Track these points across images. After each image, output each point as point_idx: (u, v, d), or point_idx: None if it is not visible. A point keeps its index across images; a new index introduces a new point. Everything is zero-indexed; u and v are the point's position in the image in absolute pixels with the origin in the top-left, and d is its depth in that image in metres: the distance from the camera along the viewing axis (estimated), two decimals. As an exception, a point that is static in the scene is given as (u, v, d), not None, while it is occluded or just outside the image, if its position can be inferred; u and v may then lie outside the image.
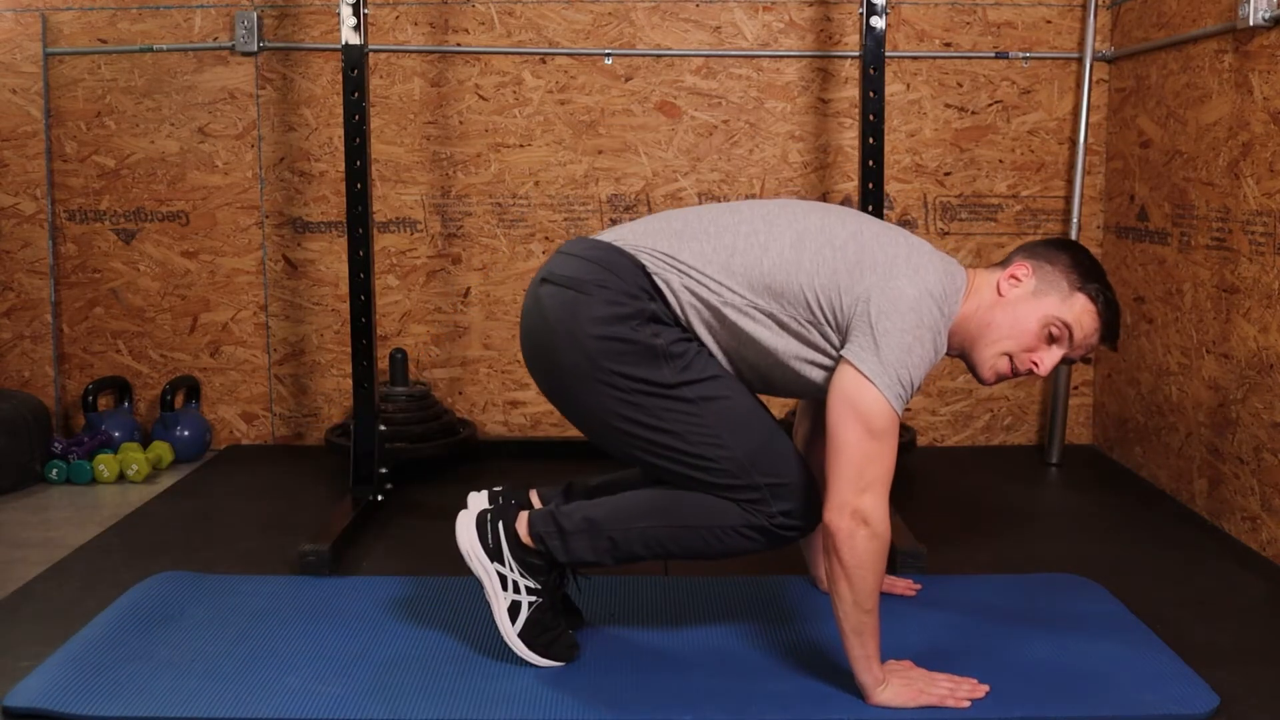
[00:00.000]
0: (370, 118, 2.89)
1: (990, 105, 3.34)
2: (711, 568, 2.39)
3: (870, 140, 2.74)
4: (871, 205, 2.76)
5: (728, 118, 3.34)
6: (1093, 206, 3.38)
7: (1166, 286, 2.95)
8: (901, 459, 3.13)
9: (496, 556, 1.89)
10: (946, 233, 3.39)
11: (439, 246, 3.39)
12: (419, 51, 3.31)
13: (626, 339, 1.79)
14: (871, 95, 2.72)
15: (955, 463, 3.30)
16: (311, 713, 1.74)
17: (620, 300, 1.80)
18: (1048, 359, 1.83)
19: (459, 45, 3.31)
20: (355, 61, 2.71)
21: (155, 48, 3.32)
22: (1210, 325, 2.71)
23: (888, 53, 2.99)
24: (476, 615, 2.10)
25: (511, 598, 1.88)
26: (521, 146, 3.34)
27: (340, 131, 3.25)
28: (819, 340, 1.81)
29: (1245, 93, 2.55)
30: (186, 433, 3.31)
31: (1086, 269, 1.85)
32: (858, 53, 3.16)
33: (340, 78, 2.91)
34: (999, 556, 2.50)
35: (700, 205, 1.97)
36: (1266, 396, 2.47)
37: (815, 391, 1.85)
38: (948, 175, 3.37)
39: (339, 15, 2.71)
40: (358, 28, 2.69)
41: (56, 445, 3.13)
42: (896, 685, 1.76)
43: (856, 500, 1.68)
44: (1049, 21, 3.32)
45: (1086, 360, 2.00)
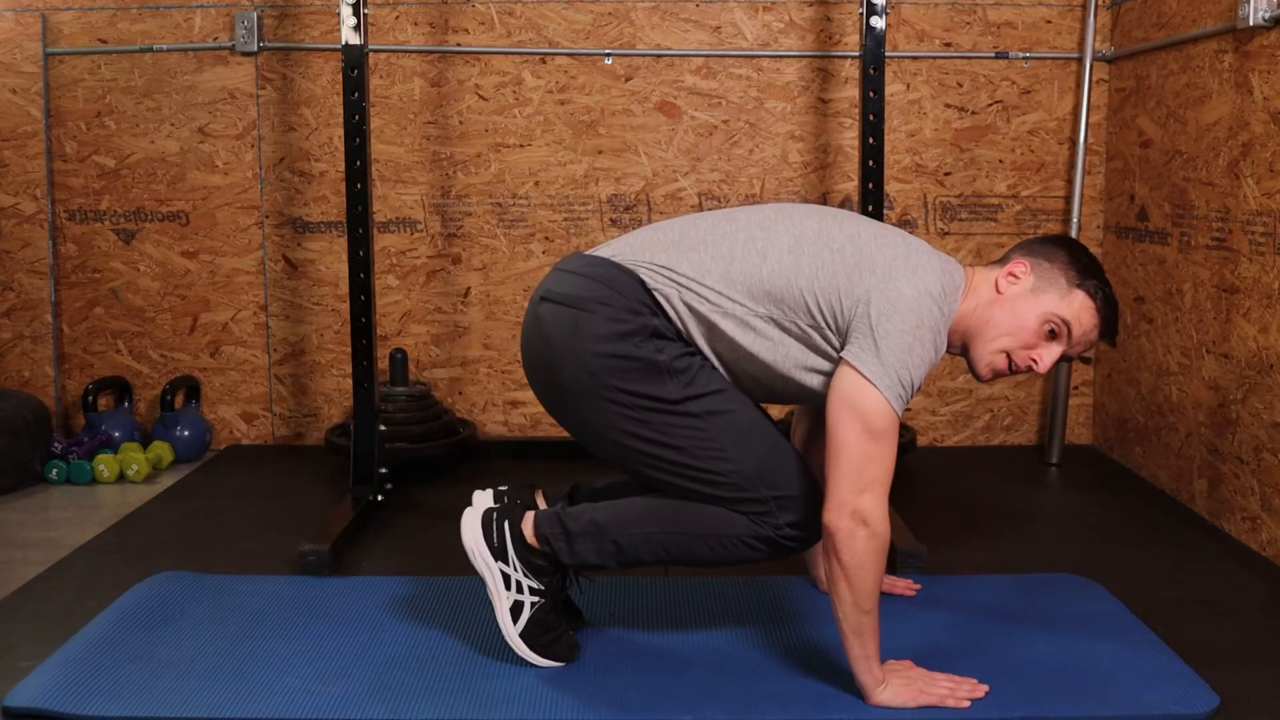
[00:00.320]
0: (370, 118, 2.89)
1: (990, 105, 3.34)
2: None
3: (870, 140, 2.74)
4: (871, 205, 2.76)
5: (728, 118, 3.34)
6: (1093, 206, 3.38)
7: (1166, 286, 2.95)
8: (901, 459, 3.13)
9: (501, 556, 1.89)
10: (946, 233, 3.39)
11: (439, 246, 3.39)
12: (419, 51, 3.31)
13: (630, 355, 1.79)
14: (871, 95, 2.72)
15: (955, 463, 3.30)
16: (311, 713, 1.74)
17: (622, 317, 1.80)
18: (1047, 356, 1.83)
19: (459, 45, 3.31)
20: (355, 61, 2.71)
21: (155, 48, 3.32)
22: (1210, 325, 2.71)
23: (888, 53, 2.99)
24: (477, 615, 2.10)
25: (514, 597, 1.89)
26: (521, 146, 3.34)
27: (340, 131, 3.25)
28: (820, 344, 1.81)
29: (1245, 93, 2.55)
30: (186, 433, 3.31)
31: (1084, 265, 1.85)
32: (858, 53, 3.16)
33: (340, 78, 2.91)
34: (999, 556, 2.50)
35: (695, 214, 1.96)
36: (1266, 396, 2.47)
37: (817, 399, 1.85)
38: (948, 175, 3.37)
39: (339, 15, 2.71)
40: (358, 28, 2.69)
41: (56, 445, 3.13)
42: (896, 685, 1.76)
43: (856, 500, 1.68)
44: (1049, 21, 3.32)
45: (1086, 359, 2.00)
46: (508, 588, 1.89)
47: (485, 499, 1.97)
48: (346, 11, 2.68)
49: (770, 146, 3.35)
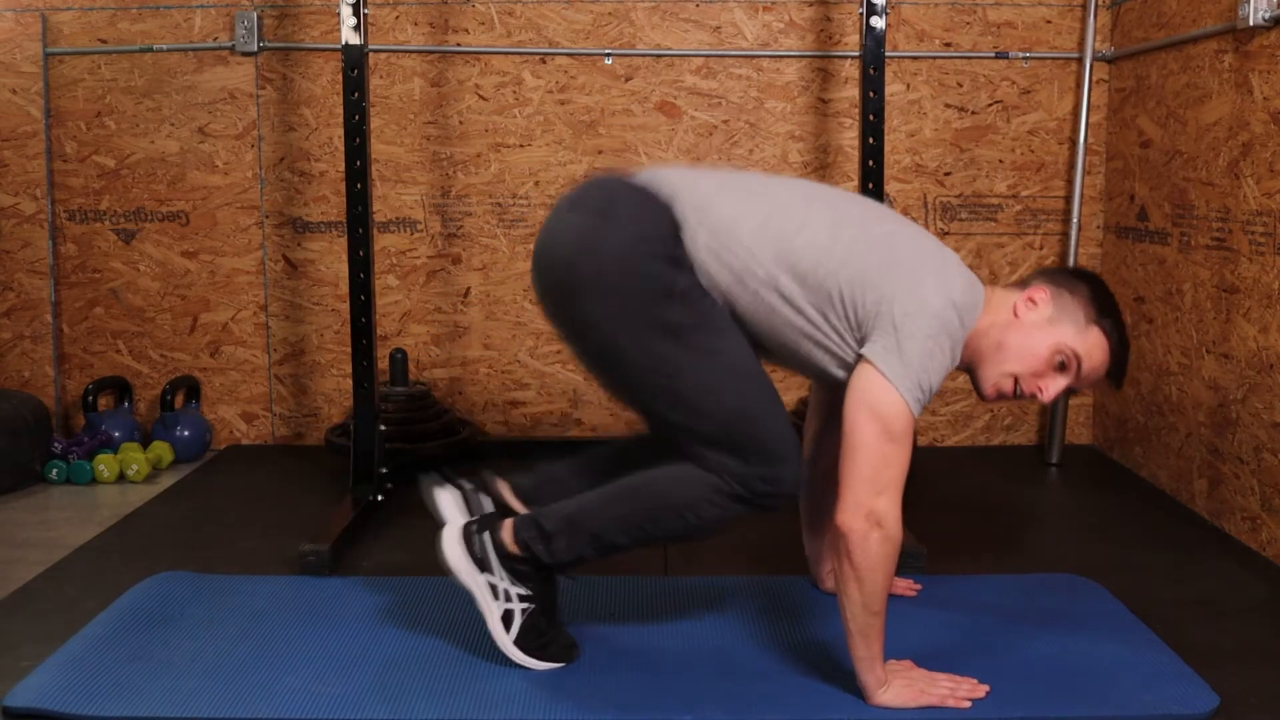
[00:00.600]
0: (370, 118, 2.89)
1: (990, 105, 3.34)
2: (711, 567, 2.40)
3: (870, 140, 2.74)
4: (871, 205, 2.75)
5: (728, 118, 3.34)
6: (1093, 206, 3.38)
7: (1166, 286, 2.95)
8: (901, 459, 3.15)
9: (485, 568, 1.88)
10: (946, 233, 3.39)
11: (439, 246, 3.39)
12: (419, 51, 3.31)
13: (648, 272, 1.77)
14: (871, 95, 2.72)
15: (955, 463, 3.30)
16: (311, 713, 1.74)
17: (647, 236, 1.78)
18: (1052, 387, 1.82)
19: (459, 45, 3.31)
20: (355, 61, 2.71)
21: (155, 48, 3.32)
22: (1210, 325, 2.71)
23: (888, 53, 2.99)
24: (476, 615, 2.09)
25: (504, 606, 1.88)
26: (521, 146, 3.34)
27: (340, 131, 3.25)
28: (832, 328, 1.79)
29: (1245, 93, 2.55)
30: (186, 433, 3.31)
31: (1104, 303, 1.84)
32: (858, 53, 3.16)
33: (340, 78, 2.91)
34: (999, 556, 2.50)
35: (738, 172, 1.94)
36: (1266, 396, 2.47)
37: (815, 372, 1.85)
38: (948, 175, 3.37)
39: (339, 15, 2.71)
40: (358, 28, 2.69)
41: (56, 445, 3.13)
42: (898, 686, 1.76)
43: (872, 502, 1.68)
44: (1049, 21, 3.32)
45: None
46: (496, 598, 1.88)
47: (449, 501, 1.96)
48: (346, 11, 2.68)
49: (770, 146, 3.35)
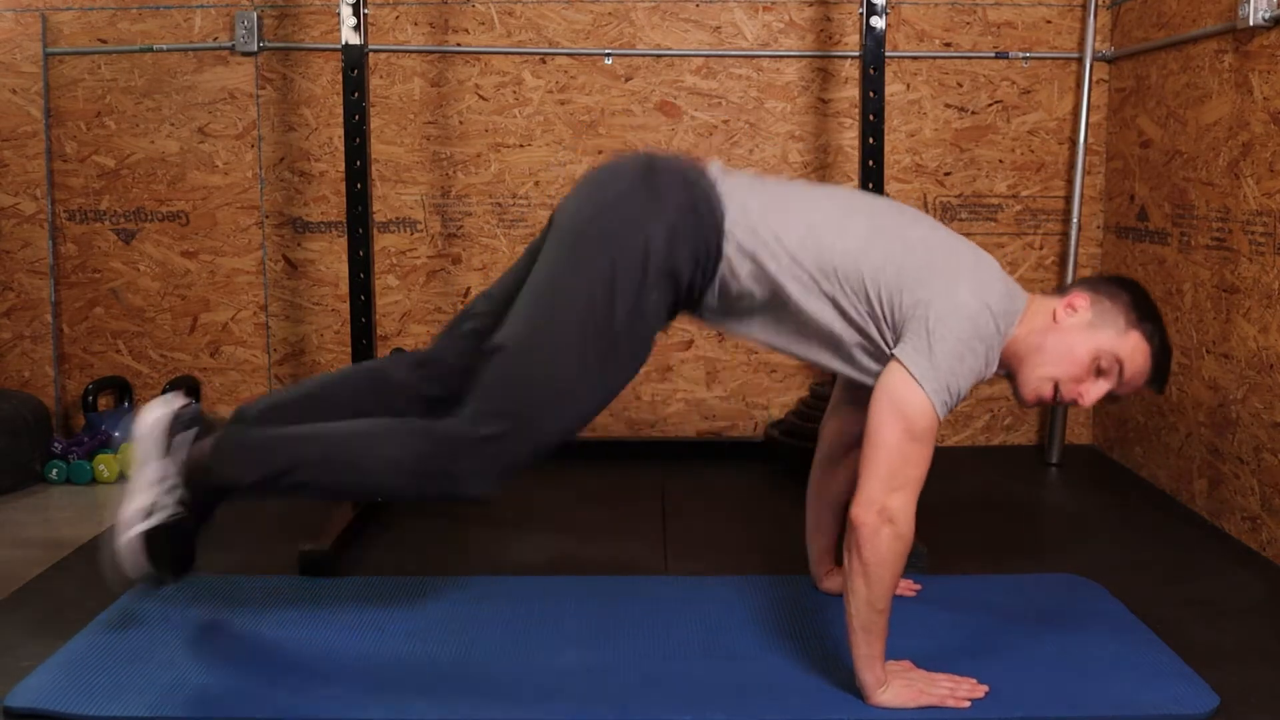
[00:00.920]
0: (370, 118, 2.89)
1: (990, 105, 3.34)
2: (711, 567, 2.40)
3: (870, 140, 2.74)
4: (871, 205, 2.76)
5: (728, 118, 3.34)
6: (1093, 206, 3.38)
7: (1166, 286, 2.95)
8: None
9: (168, 455, 1.85)
10: (946, 233, 3.38)
11: (439, 246, 3.39)
12: (419, 51, 3.31)
13: (645, 267, 1.76)
14: (871, 95, 2.72)
15: (955, 463, 3.30)
16: (311, 713, 1.74)
17: (673, 247, 1.77)
18: (1093, 391, 1.81)
19: (459, 45, 3.31)
20: (355, 61, 2.71)
21: (155, 48, 3.32)
22: (1210, 325, 2.72)
23: (888, 53, 2.99)
24: (476, 616, 2.10)
25: (153, 499, 1.84)
26: (521, 146, 3.34)
27: (340, 131, 3.25)
28: (872, 333, 1.79)
29: (1245, 93, 2.55)
30: (186, 433, 3.30)
31: (1145, 308, 1.83)
32: (858, 53, 3.16)
33: (340, 78, 2.90)
34: (999, 556, 2.50)
35: (780, 180, 1.95)
36: (1266, 396, 2.47)
37: (855, 367, 1.84)
38: (948, 175, 3.37)
39: (339, 15, 2.71)
40: (358, 28, 2.69)
41: (56, 445, 3.13)
42: (897, 686, 1.76)
43: (886, 498, 1.68)
44: (1049, 21, 3.32)
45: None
46: (156, 486, 1.83)
47: (172, 402, 1.92)
48: (346, 11, 2.68)
49: (770, 146, 3.35)
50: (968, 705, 1.75)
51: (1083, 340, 1.81)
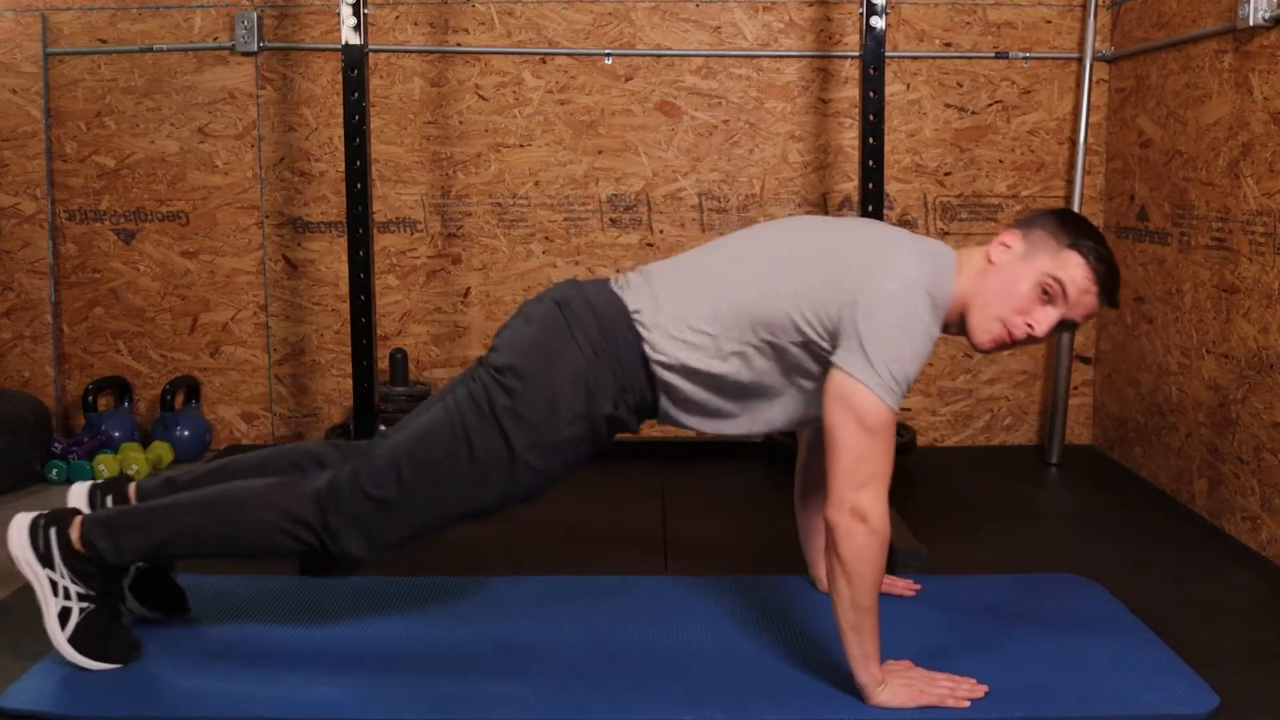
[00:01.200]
0: (370, 118, 2.89)
1: (990, 105, 3.34)
2: (711, 567, 2.40)
3: (870, 140, 2.73)
4: (871, 205, 2.75)
5: (728, 118, 3.34)
6: (1093, 206, 3.38)
7: (1166, 286, 2.95)
8: (901, 459, 3.13)
9: (47, 562, 1.88)
10: (946, 233, 3.39)
11: (439, 246, 3.39)
12: (419, 51, 3.31)
13: (560, 408, 1.82)
14: (871, 95, 2.72)
15: (955, 463, 3.30)
16: (311, 713, 1.74)
17: (591, 392, 1.83)
18: (1044, 319, 1.81)
19: (459, 45, 3.31)
20: (355, 61, 2.71)
21: (155, 48, 3.32)
22: (1210, 325, 2.71)
23: (888, 53, 2.99)
24: (476, 616, 2.10)
25: (62, 604, 1.88)
26: (521, 146, 3.34)
27: (340, 131, 3.25)
28: (819, 354, 1.81)
29: (1245, 93, 2.55)
30: (186, 433, 3.31)
31: (1075, 227, 1.83)
32: (858, 53, 3.16)
33: (340, 78, 2.90)
34: (999, 556, 2.50)
35: (685, 253, 1.97)
36: (1266, 396, 2.47)
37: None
38: (948, 175, 3.37)
39: (339, 15, 2.71)
40: (358, 28, 2.69)
41: (56, 445, 3.13)
42: (896, 685, 1.75)
43: (855, 497, 1.69)
44: (1049, 21, 3.32)
45: (1086, 360, 1.99)
46: (55, 594, 1.88)
47: (80, 496, 2.00)
48: (346, 11, 2.68)
49: (770, 146, 3.35)
50: (967, 705, 1.75)
51: (1020, 271, 1.81)
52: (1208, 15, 2.72)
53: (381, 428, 2.21)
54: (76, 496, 2.02)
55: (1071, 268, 1.80)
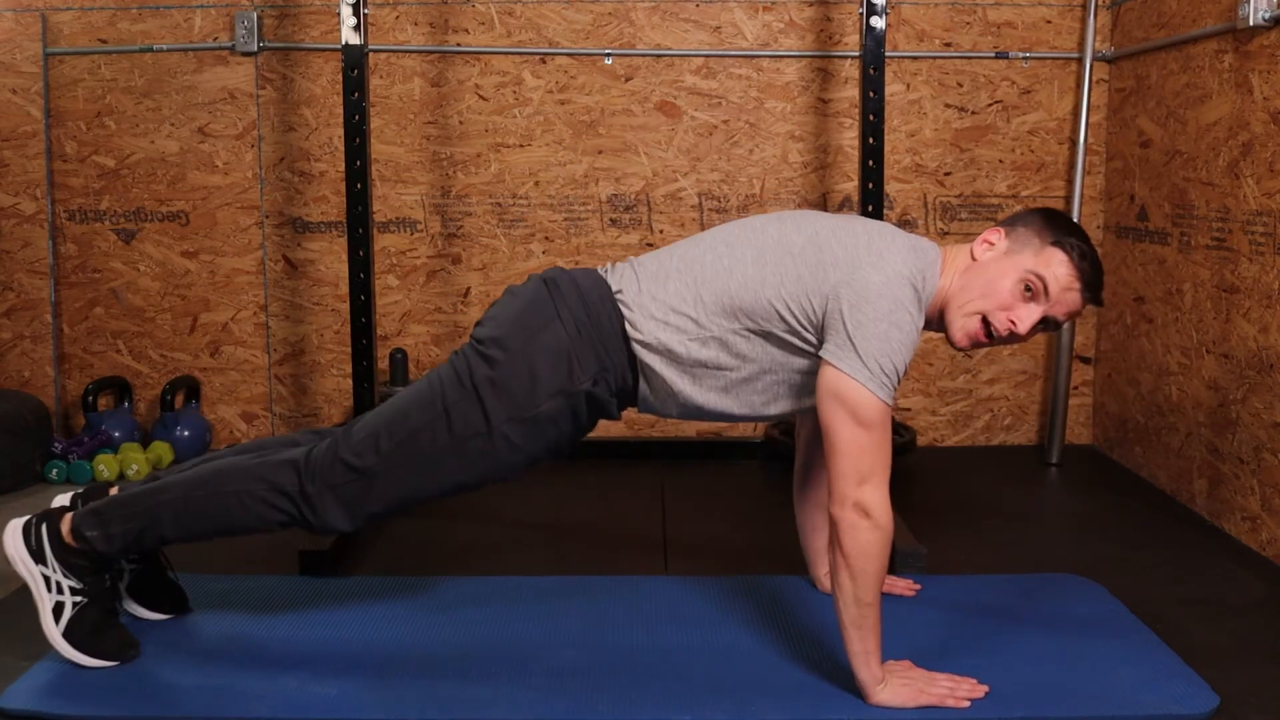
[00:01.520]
0: (370, 118, 2.89)
1: (990, 105, 3.34)
2: (711, 567, 2.40)
3: (870, 140, 2.74)
4: (871, 205, 2.76)
5: (728, 118, 3.34)
6: (1093, 206, 3.38)
7: (1166, 286, 2.95)
8: (901, 459, 3.15)
9: (40, 559, 1.90)
10: (946, 232, 3.39)
11: (439, 246, 3.39)
12: (419, 51, 3.31)
13: (539, 383, 1.82)
14: (871, 95, 2.72)
15: (955, 463, 3.30)
16: (310, 713, 1.74)
17: (572, 368, 1.83)
18: (1026, 317, 1.81)
19: (459, 45, 3.31)
20: (355, 61, 2.71)
21: (155, 48, 3.32)
22: (1210, 325, 2.71)
23: (888, 53, 2.99)
24: (476, 615, 2.10)
25: (55, 599, 1.89)
26: (521, 146, 3.34)
27: (340, 131, 3.25)
28: (801, 346, 1.82)
29: (1245, 93, 2.55)
30: (186, 433, 3.31)
31: (1058, 225, 1.84)
32: (858, 53, 3.16)
33: (340, 78, 2.91)
34: (999, 556, 2.50)
35: (672, 244, 1.98)
36: (1266, 396, 2.47)
37: (813, 401, 1.86)
38: (948, 175, 3.37)
39: (339, 15, 2.71)
40: (358, 28, 2.69)
41: (56, 445, 3.14)
42: (895, 684, 1.75)
43: (857, 493, 1.69)
44: (1049, 21, 3.32)
45: (1085, 360, 2.00)
46: (49, 590, 1.89)
47: (63, 500, 2.01)
48: (346, 11, 2.68)
49: (770, 146, 3.35)
50: (967, 705, 1.75)
51: (1003, 268, 1.82)
52: (1208, 15, 2.72)
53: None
54: (59, 502, 2.03)
55: (1055, 265, 1.80)
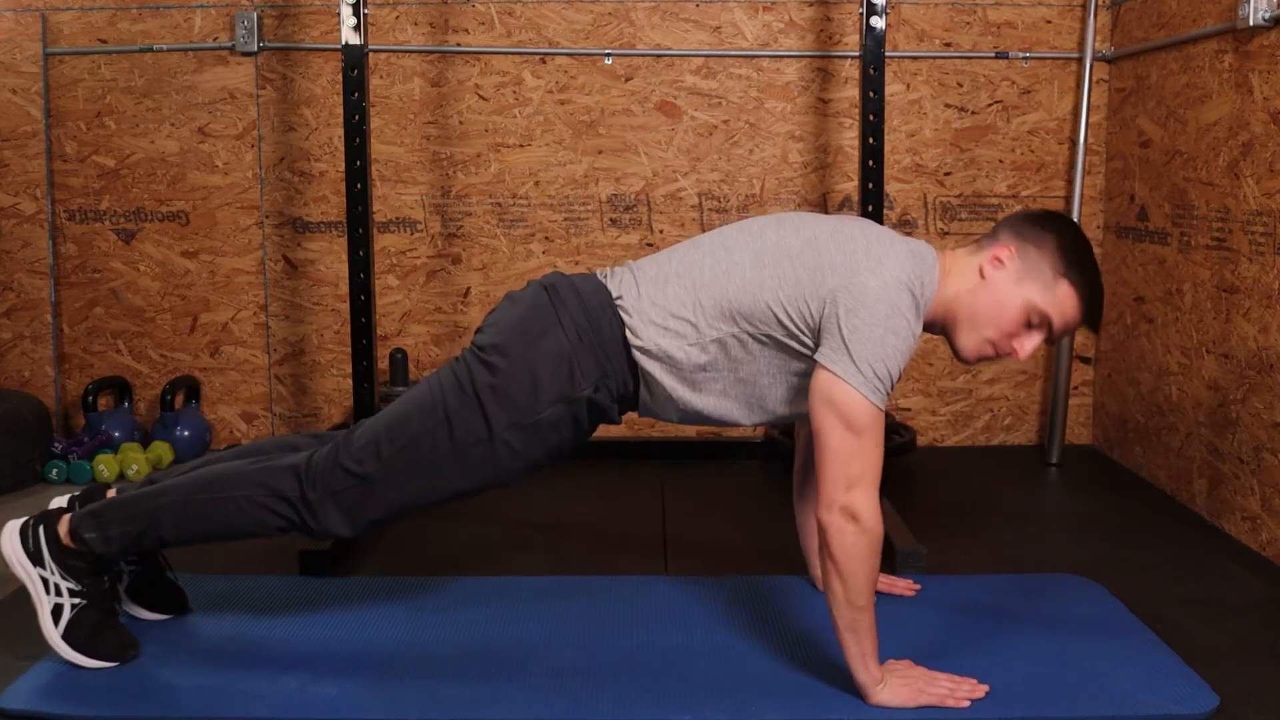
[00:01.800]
0: (370, 118, 2.89)
1: (990, 105, 3.34)
2: (711, 567, 2.40)
3: (870, 140, 2.74)
4: (871, 205, 2.76)
5: (728, 118, 3.34)
6: (1093, 206, 3.38)
7: (1166, 286, 2.95)
8: (901, 459, 3.15)
9: (38, 561, 1.90)
10: (946, 233, 3.39)
11: (439, 246, 3.39)
12: (419, 51, 3.31)
13: (539, 388, 1.82)
14: (871, 95, 2.72)
15: (955, 463, 3.30)
16: (310, 713, 1.74)
17: (574, 375, 1.83)
18: (1028, 344, 1.84)
19: (459, 45, 3.31)
20: (355, 61, 2.71)
21: (155, 48, 3.32)
22: (1210, 325, 2.71)
23: (888, 53, 2.99)
24: (476, 616, 2.10)
25: (54, 601, 1.89)
26: (521, 146, 3.34)
27: (340, 131, 3.25)
28: (798, 349, 1.82)
29: (1245, 93, 2.55)
30: (186, 433, 3.31)
31: (1072, 253, 1.83)
32: (858, 53, 3.16)
33: (340, 78, 2.91)
34: (999, 556, 2.50)
35: (672, 247, 1.98)
36: (1266, 396, 2.47)
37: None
38: (948, 175, 3.37)
39: (339, 15, 2.71)
40: (358, 28, 2.69)
41: (56, 445, 3.14)
42: (895, 684, 1.75)
43: (844, 497, 1.69)
44: (1049, 21, 3.32)
45: (1086, 360, 2.00)
46: (47, 592, 1.90)
47: (60, 502, 2.01)
48: (346, 11, 2.68)
49: (770, 146, 3.35)
50: (967, 705, 1.75)
51: (1011, 297, 1.82)
52: (1208, 15, 2.72)
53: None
54: (57, 504, 2.03)
55: (1063, 301, 1.82)
